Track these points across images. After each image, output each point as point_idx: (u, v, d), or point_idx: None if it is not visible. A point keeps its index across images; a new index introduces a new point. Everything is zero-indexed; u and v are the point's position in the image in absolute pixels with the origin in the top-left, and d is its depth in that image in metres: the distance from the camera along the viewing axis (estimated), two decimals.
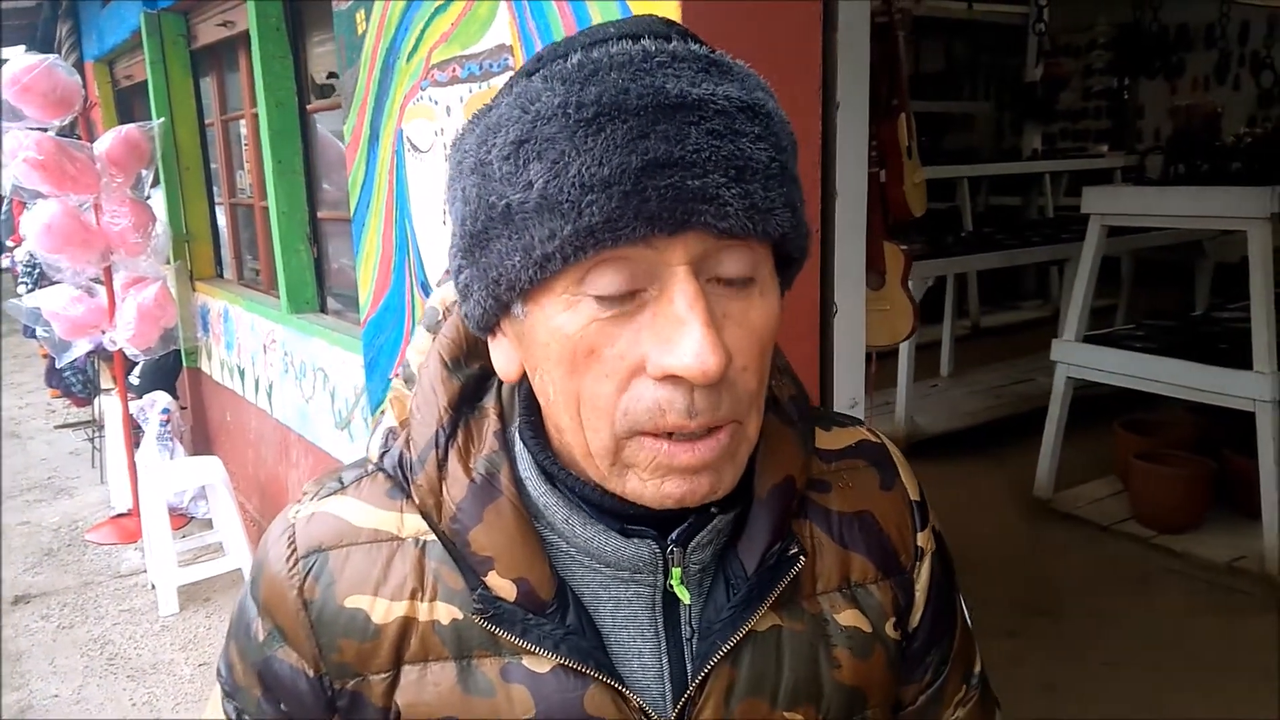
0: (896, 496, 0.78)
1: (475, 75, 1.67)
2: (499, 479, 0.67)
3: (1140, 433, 4.11)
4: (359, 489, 0.71)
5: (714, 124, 0.56)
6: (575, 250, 0.55)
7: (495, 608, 0.65)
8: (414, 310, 2.04)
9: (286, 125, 3.59)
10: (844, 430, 0.81)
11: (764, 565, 0.68)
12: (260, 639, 0.70)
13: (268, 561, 0.70)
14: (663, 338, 0.56)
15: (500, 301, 0.61)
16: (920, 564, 0.78)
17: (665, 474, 0.60)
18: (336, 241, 3.64)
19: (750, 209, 0.56)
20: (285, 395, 3.79)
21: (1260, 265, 3.31)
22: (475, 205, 0.59)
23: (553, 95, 0.56)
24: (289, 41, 3.54)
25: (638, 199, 0.54)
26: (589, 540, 0.67)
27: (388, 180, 2.05)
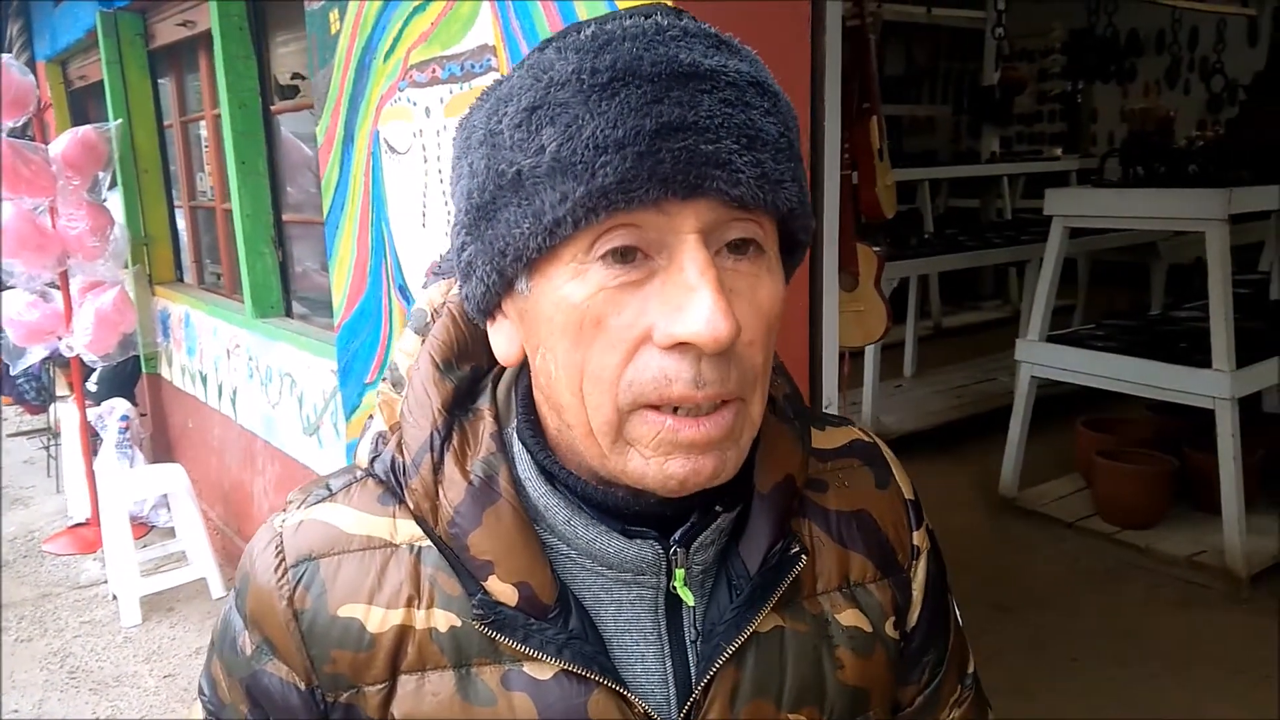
0: (892, 495, 0.78)
1: (456, 76, 1.65)
2: (498, 481, 0.66)
3: (1102, 431, 4.18)
4: (349, 495, 0.69)
5: (725, 94, 0.56)
6: (587, 212, 0.55)
7: (496, 613, 0.64)
8: (391, 313, 2.02)
9: (250, 126, 3.54)
10: (837, 429, 0.81)
11: (766, 565, 0.68)
12: (248, 653, 0.68)
13: (254, 572, 0.68)
14: (672, 305, 0.56)
15: (504, 277, 0.61)
16: (916, 563, 0.78)
17: (669, 452, 0.59)
18: (301, 245, 3.59)
19: (761, 178, 0.56)
20: (250, 401, 3.73)
21: (1218, 265, 3.38)
22: (484, 177, 0.59)
23: (566, 63, 0.56)
24: (252, 42, 3.50)
25: (651, 160, 0.54)
26: (591, 542, 0.65)
27: (363, 182, 2.03)
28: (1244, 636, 3.13)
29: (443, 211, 1.77)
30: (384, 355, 2.06)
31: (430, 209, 1.81)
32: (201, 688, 0.73)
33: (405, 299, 1.96)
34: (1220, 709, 2.74)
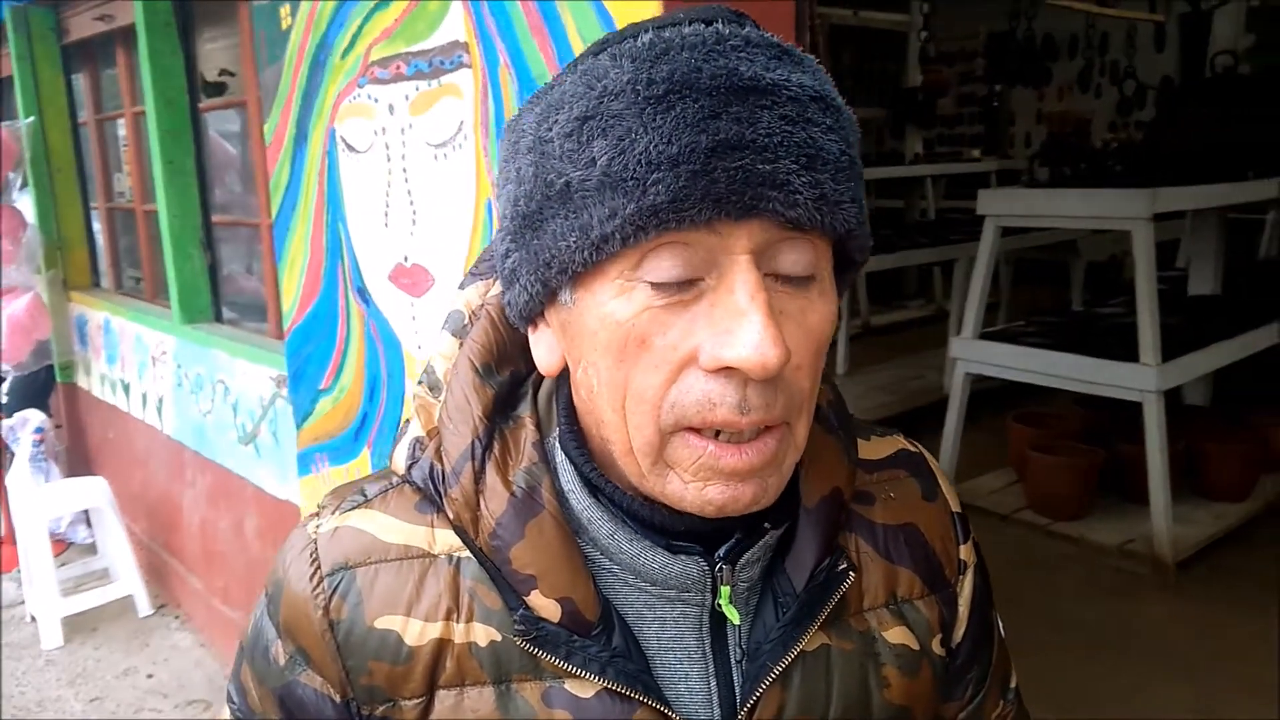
0: (939, 508, 0.76)
1: (424, 72, 1.61)
2: (540, 492, 0.64)
3: (1032, 425, 4.29)
4: (385, 502, 0.67)
5: (786, 110, 0.54)
6: (636, 230, 0.53)
7: (538, 629, 0.62)
8: (349, 317, 1.96)
9: (178, 125, 3.42)
10: (882, 439, 0.78)
11: (813, 581, 0.66)
12: (281, 663, 0.66)
13: (288, 580, 0.66)
14: (721, 328, 0.54)
15: (548, 287, 0.59)
16: (963, 578, 0.76)
17: (709, 477, 0.57)
18: (230, 247, 3.48)
19: (819, 199, 0.54)
20: (179, 410, 3.60)
21: (1144, 263, 3.49)
22: (531, 184, 0.57)
23: (621, 72, 0.54)
24: (179, 37, 3.38)
25: (706, 179, 0.52)
26: (635, 557, 0.64)
27: (317, 182, 1.96)
28: (1174, 621, 3.24)
29: (407, 211, 1.73)
30: (340, 360, 1.99)
31: (394, 208, 1.76)
32: (230, 695, 0.71)
33: (364, 302, 1.90)
34: (1155, 690, 2.83)
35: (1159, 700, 2.78)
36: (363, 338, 1.91)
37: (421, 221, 1.69)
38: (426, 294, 1.71)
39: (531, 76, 1.40)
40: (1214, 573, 3.55)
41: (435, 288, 1.69)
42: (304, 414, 2.14)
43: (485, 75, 1.49)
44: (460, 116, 1.55)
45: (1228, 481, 3.94)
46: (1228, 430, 4.08)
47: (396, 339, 1.82)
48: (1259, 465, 4.04)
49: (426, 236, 1.68)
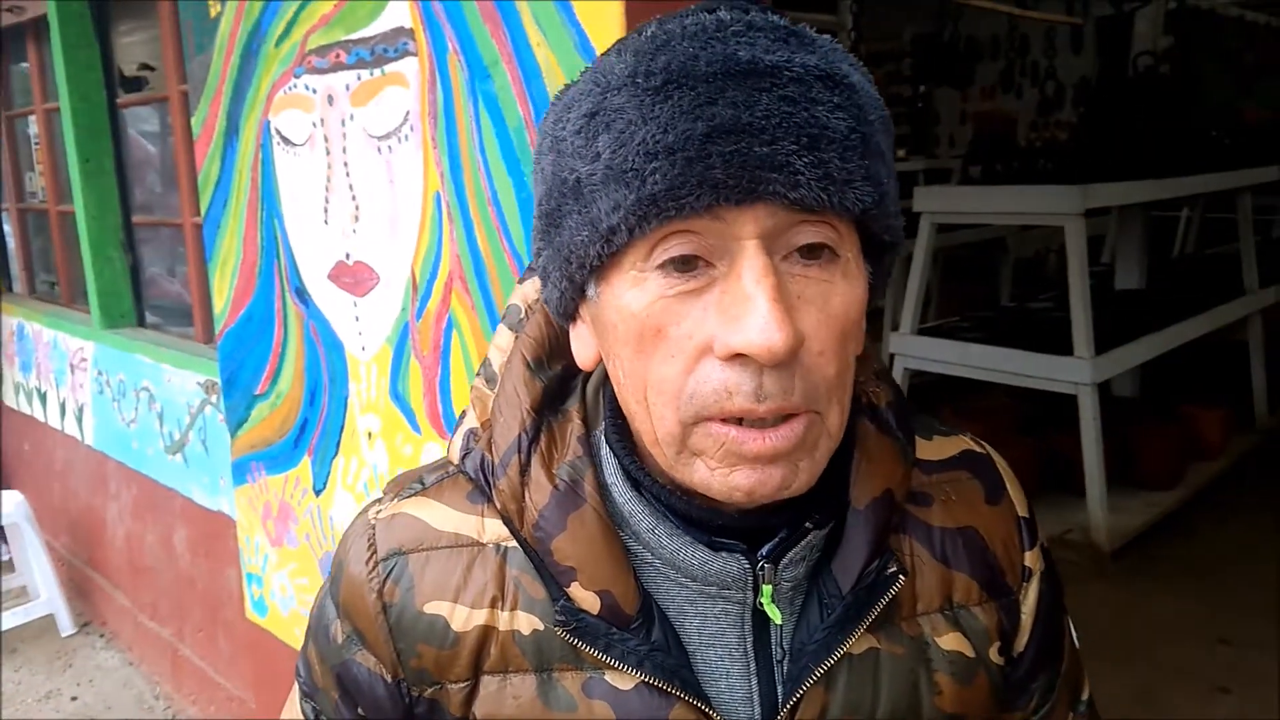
0: (1003, 511, 0.74)
1: (365, 61, 1.54)
2: (583, 486, 0.65)
3: (967, 418, 4.34)
4: (440, 491, 0.70)
5: (787, 90, 0.54)
6: (639, 221, 0.54)
7: (578, 620, 0.63)
8: (286, 318, 1.87)
9: (95, 121, 3.28)
10: (946, 439, 0.76)
11: (861, 584, 0.65)
12: (339, 641, 0.69)
13: (348, 561, 0.69)
14: (729, 315, 0.54)
15: (574, 283, 0.60)
16: (1028, 585, 0.74)
17: (734, 463, 0.57)
18: (153, 249, 3.35)
19: (824, 179, 0.53)
20: (101, 419, 3.45)
21: (1076, 257, 3.55)
22: (551, 183, 0.59)
23: (624, 67, 0.55)
24: (95, 30, 3.24)
25: (702, 165, 0.52)
26: (675, 552, 0.64)
27: (250, 177, 1.87)
28: (1111, 608, 3.31)
29: (349, 206, 1.65)
30: (277, 364, 1.91)
31: (334, 204, 1.68)
32: (299, 669, 0.75)
33: (303, 302, 1.82)
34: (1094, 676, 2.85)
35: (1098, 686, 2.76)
36: (301, 340, 1.83)
37: (364, 217, 1.62)
38: (370, 293, 1.64)
39: (483, 64, 1.35)
40: (1148, 561, 3.63)
41: (379, 286, 1.62)
42: (238, 421, 2.05)
43: (433, 63, 1.43)
44: (405, 106, 1.49)
45: (1159, 470, 4.04)
46: (1157, 420, 4.19)
47: (339, 340, 1.74)
48: (1188, 454, 4.15)
49: (370, 233, 1.62)
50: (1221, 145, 4.99)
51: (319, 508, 1.87)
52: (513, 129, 1.32)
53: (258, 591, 2.21)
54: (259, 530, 2.12)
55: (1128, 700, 2.77)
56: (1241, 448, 4.49)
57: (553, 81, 1.26)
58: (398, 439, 1.63)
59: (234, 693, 2.77)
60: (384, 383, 1.63)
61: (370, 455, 1.70)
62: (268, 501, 2.02)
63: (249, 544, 2.22)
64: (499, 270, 1.39)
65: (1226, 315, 4.40)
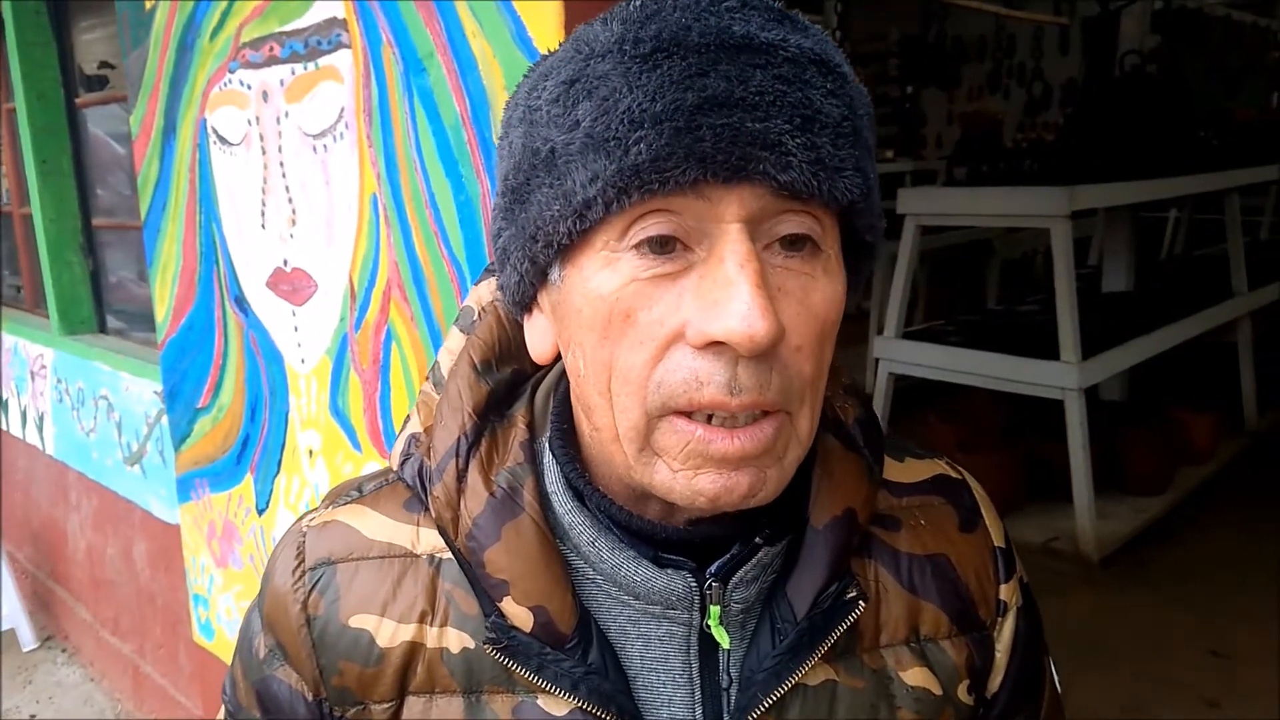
0: (977, 540, 0.69)
1: (299, 54, 1.45)
2: (521, 494, 0.61)
3: (953, 423, 4.28)
4: (376, 499, 0.66)
5: (781, 70, 0.51)
6: (619, 194, 0.50)
7: (509, 638, 0.59)
8: (226, 328, 1.78)
9: (52, 121, 3.18)
10: (919, 462, 0.72)
11: (817, 608, 0.61)
12: (260, 656, 0.66)
13: (274, 571, 0.66)
14: (708, 300, 0.50)
15: (537, 264, 0.56)
16: (1003, 620, 0.68)
17: (699, 465, 0.53)
18: (115, 252, 3.26)
19: (816, 163, 0.50)
20: (61, 428, 3.36)
21: (1063, 260, 3.49)
22: (520, 156, 0.55)
23: (610, 34, 0.52)
24: (52, 26, 3.15)
25: (690, 137, 0.49)
26: (617, 567, 0.60)
27: (188, 179, 1.78)
28: (1100, 617, 3.24)
29: (285, 209, 1.56)
30: (219, 376, 1.82)
31: (271, 207, 1.59)
32: (224, 686, 0.71)
33: (242, 311, 1.73)
34: (1082, 687, 2.81)
35: (1086, 697, 2.76)
36: (242, 351, 1.74)
37: (302, 221, 1.53)
38: (308, 301, 1.55)
39: (418, 56, 1.26)
40: (1136, 568, 3.57)
41: (318, 294, 1.53)
42: (181, 435, 1.96)
43: (366, 55, 1.34)
44: (340, 102, 1.40)
45: (1147, 475, 3.97)
46: (1145, 424, 4.12)
47: (278, 352, 1.65)
48: (1177, 458, 4.10)
49: (307, 238, 1.52)
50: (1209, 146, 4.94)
51: (262, 528, 1.78)
52: (449, 126, 1.23)
53: (204, 614, 2.12)
54: (204, 550, 2.03)
55: (1116, 712, 2.70)
56: (1231, 451, 4.44)
57: (489, 74, 1.17)
58: (338, 457, 1.54)
59: (195, 711, 2.69)
60: (324, 397, 1.55)
61: (311, 474, 1.61)
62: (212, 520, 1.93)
63: (194, 564, 2.13)
64: (438, 279, 1.30)
65: (1215, 318, 4.35)
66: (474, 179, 1.22)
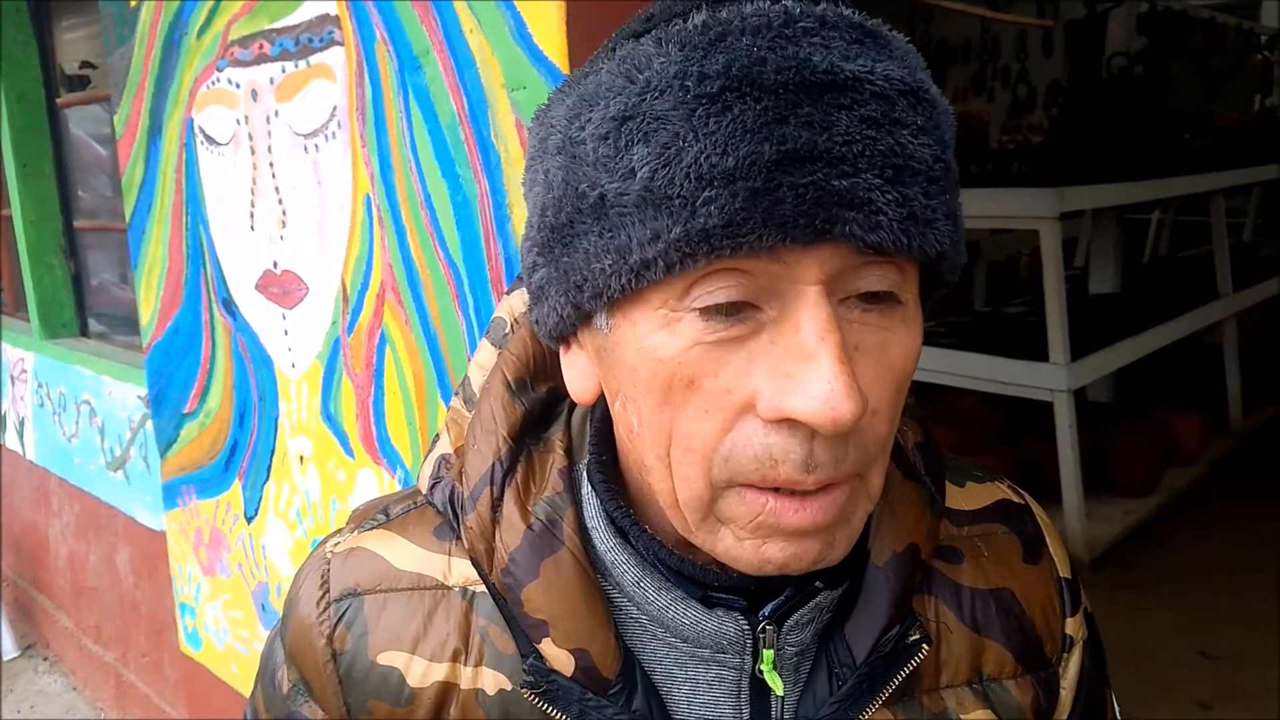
0: (1043, 572, 0.65)
1: (290, 52, 1.42)
2: (561, 527, 0.57)
3: (942, 425, 4.27)
4: (405, 524, 0.62)
5: (869, 109, 0.45)
6: (683, 258, 0.45)
7: (549, 682, 0.55)
8: (213, 332, 1.75)
9: (33, 122, 3.14)
10: (980, 487, 0.68)
11: (878, 652, 0.57)
12: (285, 690, 0.62)
13: (298, 600, 0.62)
14: (782, 372, 0.46)
15: (580, 310, 0.51)
16: (1068, 656, 0.65)
17: (768, 534, 0.49)
18: (97, 254, 3.22)
19: (907, 219, 0.45)
20: (42, 433, 3.32)
21: (1052, 262, 3.49)
22: (560, 192, 0.49)
23: (668, 63, 0.45)
24: (32, 25, 3.10)
25: (769, 199, 0.43)
26: (664, 609, 0.56)
27: (174, 180, 1.75)
28: None
29: (275, 210, 1.53)
30: (205, 380, 1.78)
31: (260, 208, 1.56)
32: (245, 715, 0.68)
33: (230, 314, 1.70)
34: None
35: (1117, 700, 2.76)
36: (230, 355, 1.70)
37: (292, 223, 1.50)
38: (299, 305, 1.52)
39: (413, 53, 1.24)
40: (1126, 569, 3.57)
41: (309, 297, 1.50)
42: (168, 441, 1.92)
43: (359, 53, 1.32)
44: (332, 101, 1.37)
45: (1135, 476, 3.99)
46: (1132, 426, 4.13)
47: (268, 356, 1.62)
48: (1164, 459, 4.11)
49: (298, 239, 1.49)
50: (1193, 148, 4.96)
51: (251, 535, 1.75)
52: (445, 125, 1.21)
53: (191, 623, 2.09)
54: (191, 558, 2.00)
55: None
56: (1217, 452, 4.45)
57: (487, 72, 1.14)
58: (330, 463, 1.51)
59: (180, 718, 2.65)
60: (315, 402, 1.51)
61: (302, 481, 1.58)
62: (199, 527, 1.90)
63: (181, 572, 2.09)
64: (434, 281, 1.27)
65: (1201, 319, 4.36)
66: (471, 179, 1.19)
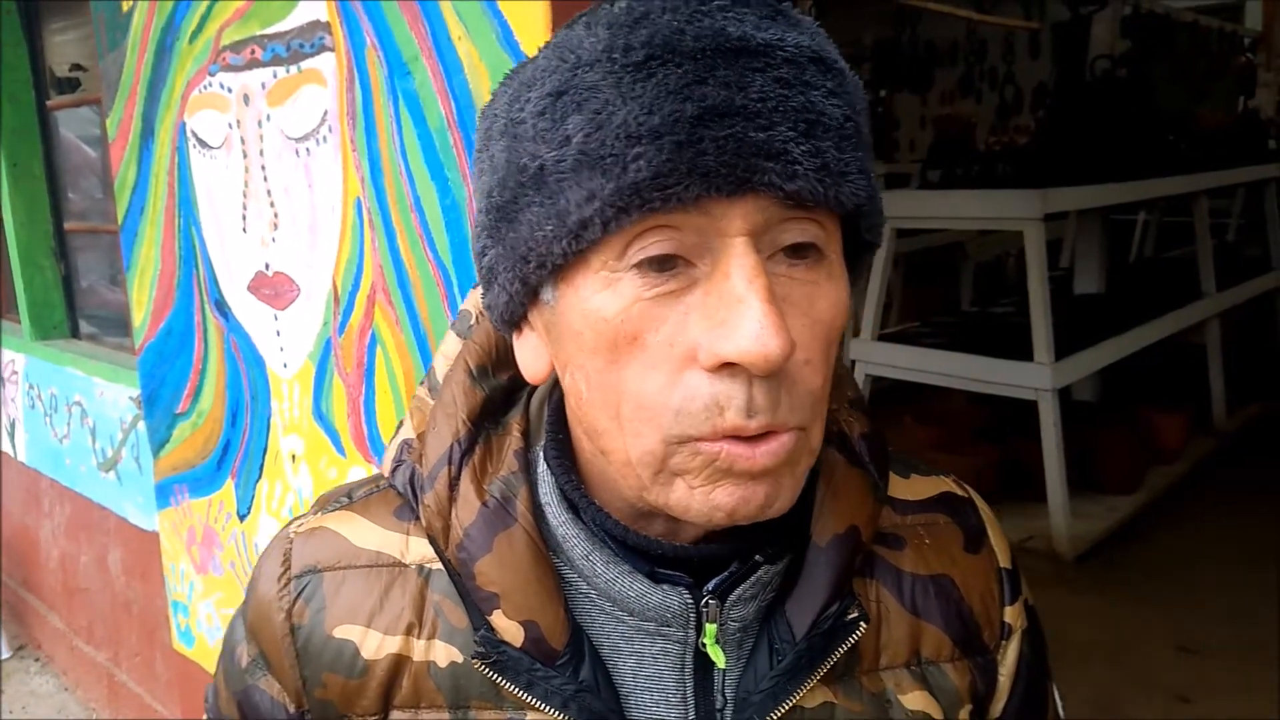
0: (983, 561, 0.67)
1: (281, 57, 1.44)
2: (515, 504, 0.59)
3: (929, 424, 4.31)
4: (366, 506, 0.65)
5: (781, 72, 0.49)
6: (618, 213, 0.48)
7: (498, 653, 0.57)
8: (206, 332, 1.77)
9: (23, 124, 3.14)
10: (925, 479, 0.70)
11: (817, 629, 0.59)
12: (243, 665, 0.64)
13: (260, 579, 0.64)
14: (717, 320, 0.48)
15: (528, 285, 0.54)
16: (1007, 644, 0.67)
17: (718, 479, 0.51)
18: (87, 256, 3.22)
19: (822, 169, 0.48)
20: (33, 435, 3.32)
21: (1036, 263, 3.53)
22: (504, 172, 0.52)
23: (596, 41, 0.49)
24: (23, 27, 3.10)
25: (692, 151, 0.46)
26: (611, 582, 0.58)
27: (167, 182, 1.77)
28: (1073, 616, 3.27)
29: (267, 213, 1.55)
30: (198, 380, 1.80)
31: (252, 211, 1.58)
32: (207, 694, 0.70)
33: (223, 315, 1.72)
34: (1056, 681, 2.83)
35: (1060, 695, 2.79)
36: (222, 356, 1.72)
37: (284, 225, 1.52)
38: (291, 305, 1.54)
39: (403, 59, 1.26)
40: (1109, 566, 3.61)
41: (300, 298, 1.52)
42: (160, 441, 1.94)
43: (350, 59, 1.34)
44: (323, 106, 1.40)
45: (1119, 474, 4.02)
46: (1116, 424, 4.17)
47: (260, 356, 1.64)
48: (1148, 457, 4.15)
49: (289, 241, 1.52)
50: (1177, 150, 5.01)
51: (243, 533, 1.76)
52: (434, 129, 1.23)
53: (184, 621, 2.10)
54: (183, 556, 2.01)
55: (1089, 709, 2.73)
56: (1201, 451, 4.49)
57: (475, 77, 1.17)
58: (322, 462, 1.53)
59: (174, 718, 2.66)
60: (307, 402, 1.54)
61: (294, 479, 1.60)
62: (191, 526, 1.91)
63: (174, 571, 2.11)
64: (423, 282, 1.30)
65: (1185, 319, 4.40)
66: (459, 182, 1.22)
